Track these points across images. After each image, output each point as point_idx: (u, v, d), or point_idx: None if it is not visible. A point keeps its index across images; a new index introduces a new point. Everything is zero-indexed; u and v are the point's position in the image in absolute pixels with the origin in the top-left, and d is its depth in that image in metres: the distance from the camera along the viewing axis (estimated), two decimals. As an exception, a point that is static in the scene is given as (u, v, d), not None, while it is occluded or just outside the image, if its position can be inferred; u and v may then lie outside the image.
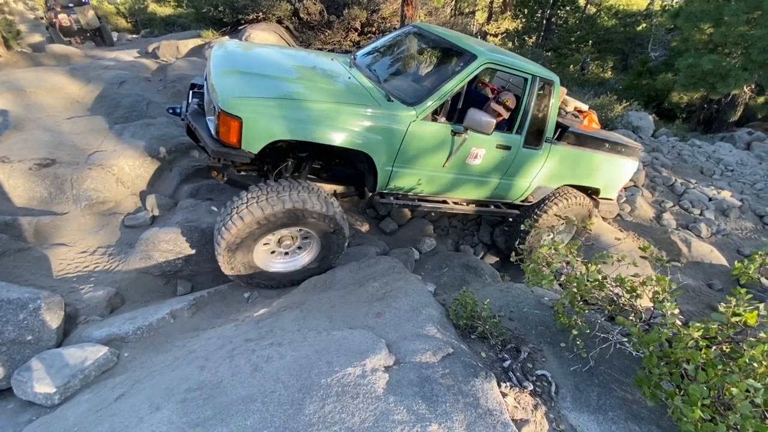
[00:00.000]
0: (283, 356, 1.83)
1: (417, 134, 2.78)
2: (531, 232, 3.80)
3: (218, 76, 2.62)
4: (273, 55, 3.30)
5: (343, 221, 2.82)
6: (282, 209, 2.51)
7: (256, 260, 2.73)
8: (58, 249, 3.03)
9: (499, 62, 2.99)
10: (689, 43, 11.39)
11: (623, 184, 4.21)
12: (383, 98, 2.77)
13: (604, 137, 3.83)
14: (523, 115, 3.17)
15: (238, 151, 2.42)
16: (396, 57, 3.62)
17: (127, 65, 7.06)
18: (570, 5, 18.05)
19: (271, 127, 2.38)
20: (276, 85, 2.62)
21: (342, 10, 8.55)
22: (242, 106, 2.32)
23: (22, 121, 4.14)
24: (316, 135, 2.51)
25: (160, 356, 2.10)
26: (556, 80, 3.24)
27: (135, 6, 18.96)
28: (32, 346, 2.09)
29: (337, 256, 2.99)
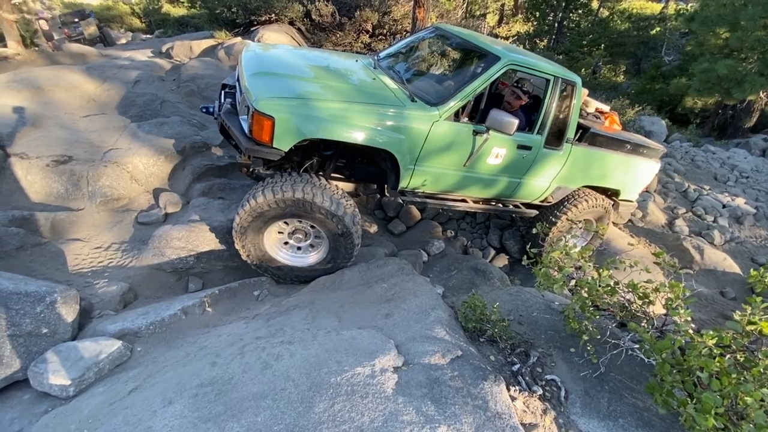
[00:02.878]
0: (293, 354, 1.85)
1: (439, 134, 2.83)
2: (549, 234, 3.79)
3: (251, 77, 2.73)
4: (300, 57, 3.40)
5: (353, 225, 2.85)
6: (291, 197, 2.62)
7: (265, 244, 2.85)
8: (73, 244, 3.09)
9: (521, 63, 3.01)
10: (704, 47, 11.23)
11: (644, 185, 4.20)
12: (407, 99, 2.83)
13: (626, 138, 3.82)
14: (545, 115, 3.19)
15: (269, 149, 2.53)
16: (419, 58, 3.68)
17: (141, 65, 7.17)
18: (582, 8, 17.91)
19: (301, 126, 2.50)
20: (305, 87, 2.71)
21: (353, 12, 8.59)
22: (275, 106, 2.44)
23: (40, 118, 4.22)
24: (343, 134, 2.60)
25: (171, 351, 2.13)
26: (578, 81, 3.26)
27: (149, 6, 19.26)
28: (48, 338, 2.13)
29: (345, 261, 3.02)
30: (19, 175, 3.42)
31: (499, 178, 3.32)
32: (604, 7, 19.05)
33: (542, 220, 3.89)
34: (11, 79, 4.79)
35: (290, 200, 2.63)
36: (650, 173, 4.09)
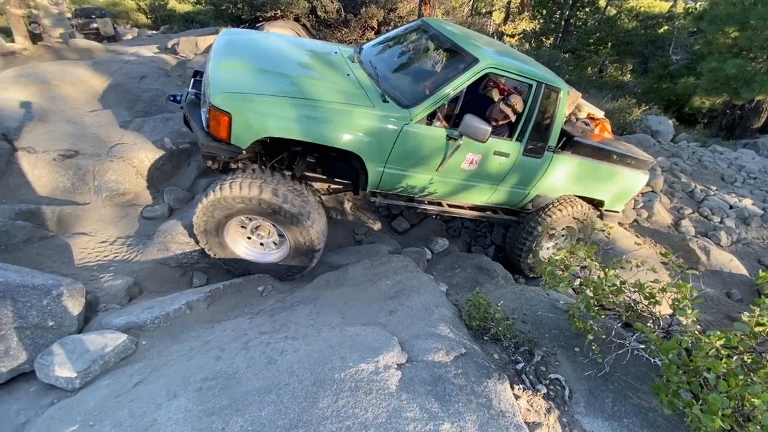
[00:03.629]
0: (297, 350, 1.85)
1: (410, 137, 2.73)
2: (530, 239, 3.72)
3: (214, 69, 2.64)
4: (275, 46, 3.27)
5: (309, 221, 2.74)
6: (247, 195, 2.55)
7: (227, 238, 2.82)
8: (79, 238, 3.11)
9: (502, 67, 2.88)
10: (713, 46, 11.11)
11: (631, 197, 4.06)
12: (378, 98, 2.71)
13: (612, 148, 3.69)
14: (525, 122, 3.07)
15: (227, 146, 2.45)
16: (400, 53, 3.52)
17: (147, 60, 7.19)
18: (590, 6, 17.77)
19: (259, 124, 2.40)
20: (268, 82, 2.59)
21: (359, 9, 8.57)
22: (232, 102, 2.34)
23: (47, 113, 4.24)
24: (305, 134, 2.50)
25: (176, 345, 2.14)
26: (563, 88, 3.13)
27: (155, 3, 19.31)
28: (54, 331, 2.15)
29: (307, 260, 2.94)
30: (26, 169, 3.44)
31: (474, 184, 3.23)
32: (611, 6, 18.88)
33: (521, 227, 3.82)
34: (19, 74, 4.82)
35: (246, 198, 2.55)
36: (637, 185, 3.95)
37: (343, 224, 4.22)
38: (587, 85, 13.22)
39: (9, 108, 4.01)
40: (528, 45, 14.79)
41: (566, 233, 4.03)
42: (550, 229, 3.68)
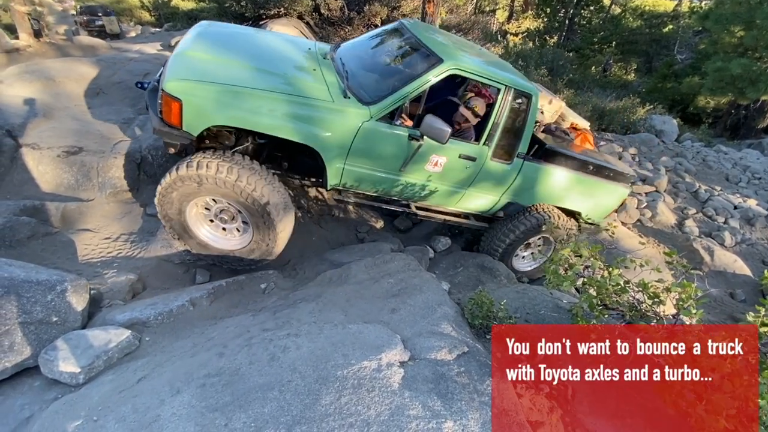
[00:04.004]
0: (300, 347, 1.86)
1: (370, 134, 2.70)
2: (503, 246, 3.68)
3: (174, 56, 2.65)
4: (247, 39, 3.24)
5: (274, 209, 2.69)
6: (204, 173, 2.52)
7: (188, 218, 2.79)
8: (83, 234, 3.12)
9: (467, 69, 2.83)
10: (718, 45, 11.05)
11: (609, 210, 3.94)
12: (340, 94, 2.69)
13: (589, 159, 3.61)
14: (493, 126, 3.02)
15: (179, 132, 2.44)
16: (372, 53, 3.47)
17: (150, 57, 7.20)
18: (594, 5, 17.70)
19: (210, 111, 2.40)
20: (225, 71, 2.58)
21: (363, 7, 8.55)
22: (183, 88, 2.35)
23: (52, 110, 4.26)
24: (256, 124, 2.49)
25: (179, 342, 2.14)
26: (534, 93, 3.08)
27: (159, 0, 19.31)
28: (58, 326, 2.16)
29: (269, 247, 2.88)
30: (31, 166, 3.45)
31: (440, 186, 3.18)
32: (616, 4, 18.80)
33: (492, 234, 3.78)
34: (23, 71, 4.83)
35: (204, 176, 2.52)
36: (616, 198, 3.83)
37: (346, 222, 4.23)
38: (591, 84, 13.17)
39: (13, 104, 4.02)
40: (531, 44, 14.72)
41: (542, 243, 3.97)
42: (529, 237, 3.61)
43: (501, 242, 3.72)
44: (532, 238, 3.73)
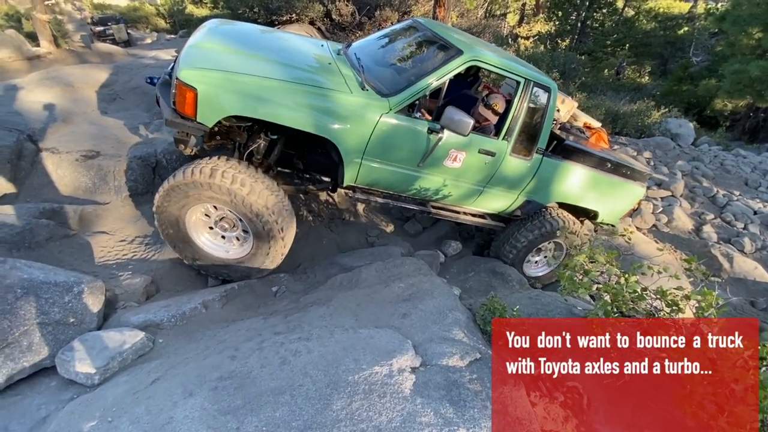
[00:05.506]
0: (311, 351, 1.86)
1: (389, 127, 2.65)
2: (518, 247, 3.61)
3: (187, 47, 2.63)
4: (257, 34, 3.24)
5: (274, 216, 2.62)
6: (206, 180, 2.46)
7: (187, 224, 2.71)
8: (99, 237, 3.18)
9: (486, 60, 2.81)
10: (735, 47, 10.84)
11: (626, 210, 3.86)
12: (357, 86, 2.65)
13: (607, 156, 3.54)
14: (513, 120, 2.97)
15: (192, 123, 2.39)
16: (386, 49, 3.46)
17: (166, 63, 7.33)
18: (607, 8, 17.50)
19: (226, 101, 2.34)
20: (240, 61, 2.56)
21: (374, 12, 8.61)
22: (198, 77, 2.30)
23: (70, 114, 4.36)
24: (274, 114, 2.42)
25: (192, 344, 2.16)
26: (553, 86, 3.05)
27: (174, 8, 19.73)
28: (75, 327, 2.20)
29: (269, 259, 2.81)
30: (50, 169, 3.54)
31: (458, 183, 3.11)
32: (629, 7, 18.57)
33: (504, 238, 3.70)
34: (43, 77, 4.97)
35: (205, 183, 2.46)
36: (633, 197, 3.76)
37: (356, 226, 4.23)
38: (604, 87, 13.00)
39: (34, 110, 4.14)
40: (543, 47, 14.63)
41: (554, 248, 3.89)
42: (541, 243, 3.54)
43: (513, 247, 3.67)
44: (544, 243, 3.68)
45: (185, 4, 20.69)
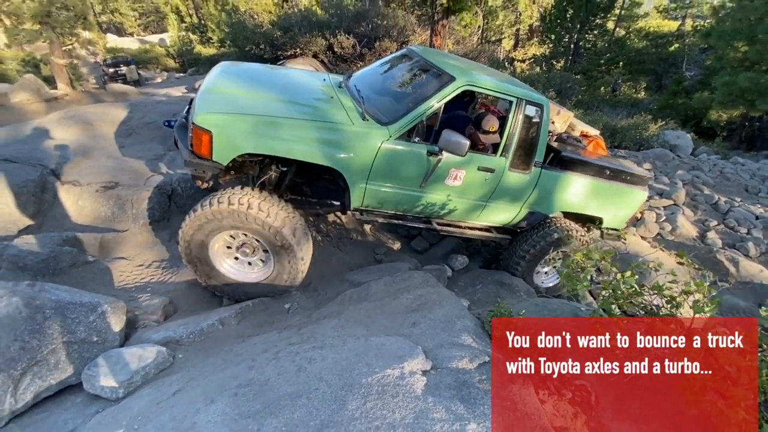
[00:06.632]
0: (325, 358, 1.94)
1: (390, 153, 2.82)
2: (527, 258, 3.68)
3: (202, 93, 2.87)
4: (265, 75, 3.50)
5: (294, 238, 2.79)
6: (226, 208, 2.65)
7: (210, 254, 2.86)
8: (118, 262, 3.32)
9: (478, 84, 2.98)
10: (724, 61, 11.14)
11: (630, 214, 3.93)
12: (358, 117, 2.85)
13: (605, 164, 3.65)
14: (508, 138, 3.12)
15: (209, 163, 2.61)
16: (384, 78, 3.67)
17: (177, 99, 7.74)
18: (598, 29, 18.10)
19: (239, 140, 2.56)
20: (249, 102, 2.78)
21: (373, 43, 9.04)
22: (213, 121, 2.53)
23: (89, 150, 4.62)
24: (284, 150, 2.63)
25: (210, 358, 2.25)
26: (545, 103, 3.21)
27: (183, 48, 20.73)
28: (99, 345, 2.30)
29: (291, 280, 2.96)
30: (72, 200, 3.74)
31: (461, 200, 3.25)
32: (620, 27, 19.19)
33: (512, 250, 3.78)
34: (63, 116, 5.28)
35: (225, 211, 2.65)
36: (635, 201, 3.85)
37: (364, 245, 4.34)
38: (601, 104, 13.30)
39: (56, 147, 4.39)
40: (539, 68, 15.09)
41: (562, 257, 3.94)
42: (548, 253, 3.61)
43: (521, 258, 3.74)
44: (552, 252, 3.75)
45: (193, 44, 21.76)
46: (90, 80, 13.82)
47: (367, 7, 9.86)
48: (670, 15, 23.59)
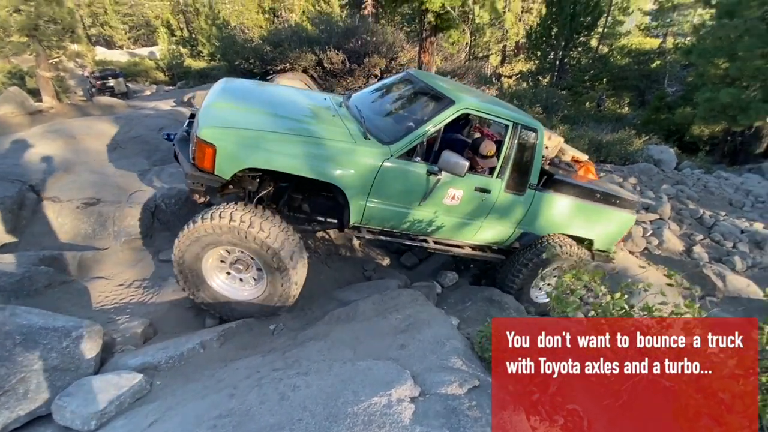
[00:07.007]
0: (310, 385, 1.86)
1: (391, 171, 2.86)
2: (520, 277, 3.69)
3: (205, 107, 2.86)
4: (265, 91, 3.53)
5: (290, 261, 2.77)
6: (227, 224, 2.60)
7: (203, 269, 2.80)
8: (98, 282, 3.21)
9: (477, 108, 3.08)
10: (705, 77, 11.49)
11: (619, 236, 4.03)
12: (360, 135, 2.89)
13: (595, 187, 3.75)
14: (504, 160, 3.21)
15: (210, 176, 2.59)
16: (384, 100, 3.75)
17: (165, 113, 7.66)
18: (582, 46, 18.60)
19: (242, 155, 2.55)
20: (252, 118, 2.79)
21: (363, 59, 9.13)
22: (217, 134, 2.52)
23: (72, 164, 4.51)
24: (286, 165, 2.64)
25: (190, 384, 2.15)
26: (539, 128, 3.30)
27: (173, 62, 20.71)
28: (72, 373, 2.18)
29: (282, 300, 2.90)
30: (51, 217, 3.62)
31: (458, 219, 3.30)
32: (603, 44, 19.77)
33: (506, 269, 3.81)
34: (46, 130, 5.18)
35: (225, 227, 2.61)
36: (624, 224, 3.95)
37: (353, 261, 4.28)
38: (586, 119, 13.57)
39: (37, 161, 4.28)
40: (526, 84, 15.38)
41: (558, 273, 3.97)
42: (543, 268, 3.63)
43: (515, 276, 3.75)
44: (546, 269, 3.76)
45: (184, 57, 21.76)
46: (78, 93, 13.68)
47: (357, 23, 10.00)
48: (652, 33, 24.41)
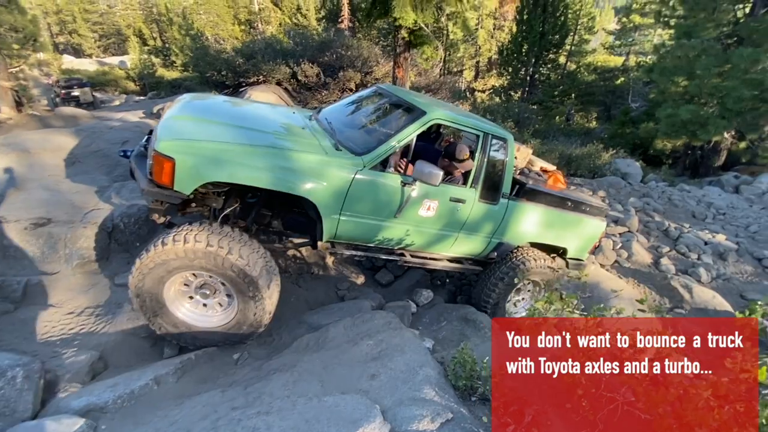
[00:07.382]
0: (270, 427, 1.72)
1: (364, 183, 2.78)
2: (498, 288, 3.68)
3: (163, 121, 2.73)
4: (231, 105, 3.43)
5: (265, 287, 2.63)
6: (202, 249, 2.44)
7: (165, 296, 2.59)
8: (45, 310, 2.95)
9: (448, 119, 3.10)
10: (666, 95, 12.07)
11: (591, 243, 4.08)
12: (331, 147, 2.81)
13: (566, 196, 3.80)
14: (477, 170, 3.22)
15: (170, 192, 2.42)
16: (355, 113, 3.70)
17: (131, 125, 7.34)
18: (551, 63, 19.34)
19: (203, 168, 2.38)
20: (216, 130, 2.65)
21: (337, 73, 9.11)
22: (175, 147, 2.36)
23: (24, 181, 4.21)
24: (251, 178, 2.47)
25: (139, 428, 1.96)
26: (509, 137, 3.34)
27: (144, 71, 20.17)
28: (7, 418, 1.96)
29: (253, 328, 2.73)
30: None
31: (434, 231, 3.27)
32: (571, 61, 20.60)
33: (482, 285, 3.81)
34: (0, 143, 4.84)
35: (200, 252, 2.44)
36: (596, 231, 4.01)
37: (326, 280, 4.14)
38: (556, 133, 13.99)
39: (-17, 178, 3.97)
40: (498, 99, 15.78)
41: (532, 287, 3.98)
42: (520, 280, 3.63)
43: (491, 290, 3.72)
44: (519, 283, 3.74)
45: (156, 67, 21.24)
46: (41, 102, 13.04)
47: (333, 37, 10.00)
48: (615, 51, 25.68)
